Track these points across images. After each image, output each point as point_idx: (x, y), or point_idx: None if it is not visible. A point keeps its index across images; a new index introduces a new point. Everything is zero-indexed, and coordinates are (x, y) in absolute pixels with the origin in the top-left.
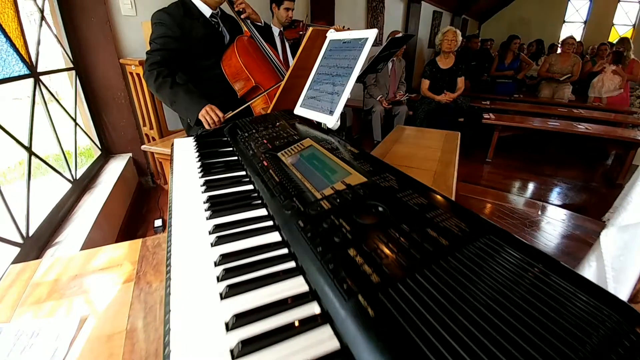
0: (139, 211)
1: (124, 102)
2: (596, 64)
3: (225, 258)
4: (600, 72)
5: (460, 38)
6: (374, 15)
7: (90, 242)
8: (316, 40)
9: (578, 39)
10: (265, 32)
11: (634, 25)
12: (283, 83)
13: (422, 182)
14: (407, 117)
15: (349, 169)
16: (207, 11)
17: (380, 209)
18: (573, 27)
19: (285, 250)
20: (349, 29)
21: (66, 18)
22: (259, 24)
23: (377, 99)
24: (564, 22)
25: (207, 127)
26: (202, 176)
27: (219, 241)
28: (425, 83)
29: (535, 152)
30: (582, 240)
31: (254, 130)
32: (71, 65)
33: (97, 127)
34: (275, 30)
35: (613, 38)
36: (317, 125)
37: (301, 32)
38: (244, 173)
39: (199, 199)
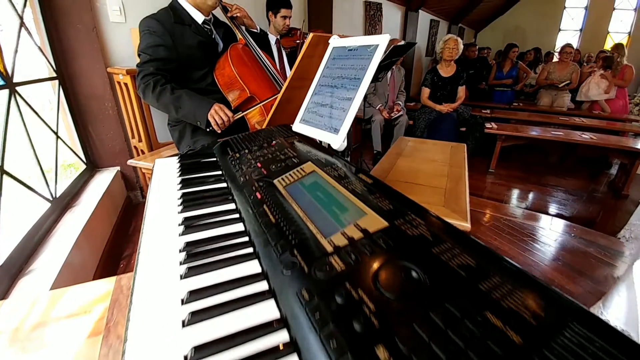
0: (126, 229)
1: (112, 113)
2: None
3: (199, 352)
4: (590, 76)
5: (461, 46)
6: (371, 24)
7: (69, 268)
8: (317, 47)
9: (574, 46)
10: (262, 40)
11: (629, 33)
12: (280, 94)
13: (433, 201)
14: (407, 127)
15: (362, 207)
16: (199, 17)
17: (413, 273)
18: (569, 35)
19: (284, 336)
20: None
21: (49, 25)
22: (255, 30)
23: (377, 107)
24: (560, 30)
25: (216, 128)
26: (182, 210)
27: (194, 319)
28: (426, 92)
29: (537, 161)
30: (595, 258)
31: (246, 150)
32: (54, 75)
33: (82, 140)
34: (272, 38)
35: (609, 46)
36: (319, 144)
37: (298, 41)
38: (232, 207)
39: (174, 244)
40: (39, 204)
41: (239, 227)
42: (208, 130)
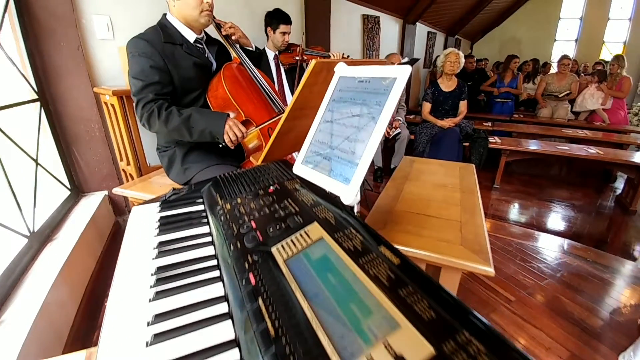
0: (113, 259)
1: (99, 135)
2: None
3: None
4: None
5: (462, 60)
6: (369, 37)
7: (45, 316)
8: (320, 74)
9: (571, 56)
10: (258, 58)
11: (624, 42)
12: (278, 127)
13: (450, 238)
14: (408, 141)
15: (393, 312)
16: (190, 36)
17: None
18: (564, 45)
19: None
20: (349, 56)
21: (30, 44)
22: (250, 48)
23: None
24: (555, 40)
25: (230, 145)
26: (155, 298)
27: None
28: (427, 106)
29: (540, 173)
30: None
31: (239, 200)
32: (35, 97)
33: (66, 164)
34: (270, 54)
35: (604, 55)
36: (325, 192)
37: (297, 57)
38: (220, 292)
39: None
40: (14, 241)
41: (226, 332)
42: (221, 146)
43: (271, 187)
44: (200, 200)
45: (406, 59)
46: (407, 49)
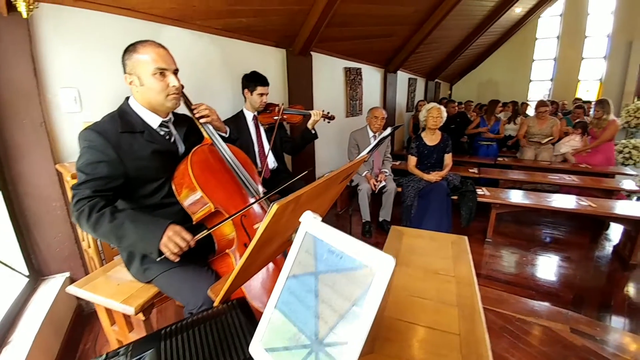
0: (74, 350)
1: (60, 213)
2: (571, 122)
3: None
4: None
5: (445, 115)
6: (352, 87)
7: None
8: (282, 216)
9: (547, 94)
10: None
11: (600, 80)
12: (238, 268)
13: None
14: (395, 194)
15: None
16: (154, 121)
17: None
18: (540, 84)
19: None
20: (329, 113)
21: None
22: (224, 134)
23: (363, 174)
24: (531, 81)
25: (172, 258)
26: None
27: None
28: (412, 160)
29: (531, 221)
30: None
31: None
32: None
33: (25, 247)
34: (249, 115)
35: (581, 93)
36: None
37: (276, 117)
38: None
39: None
40: None
41: None
42: (158, 260)
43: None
44: None
45: (389, 129)
46: (390, 95)
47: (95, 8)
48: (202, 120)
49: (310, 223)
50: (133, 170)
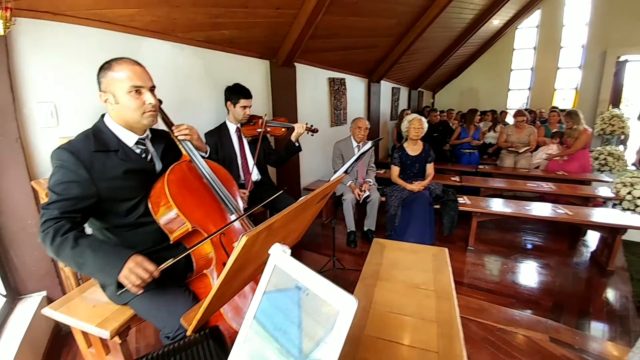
0: None
1: (36, 231)
2: (548, 130)
3: None
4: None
5: (426, 125)
6: (336, 97)
7: None
8: (254, 246)
9: (525, 102)
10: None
11: (575, 88)
12: (212, 295)
13: None
14: (379, 203)
15: None
16: (130, 139)
17: None
18: (519, 93)
19: None
20: (312, 126)
21: None
22: (203, 154)
23: (347, 184)
24: (509, 89)
25: (134, 291)
26: None
27: None
28: (395, 170)
29: (511, 227)
30: None
31: None
32: None
33: (1, 267)
34: (232, 127)
35: (557, 102)
36: None
37: (260, 130)
38: None
39: None
40: None
41: None
42: (118, 294)
43: None
44: None
45: (370, 143)
46: (374, 104)
47: (74, 22)
48: (181, 138)
49: (279, 257)
50: (105, 190)
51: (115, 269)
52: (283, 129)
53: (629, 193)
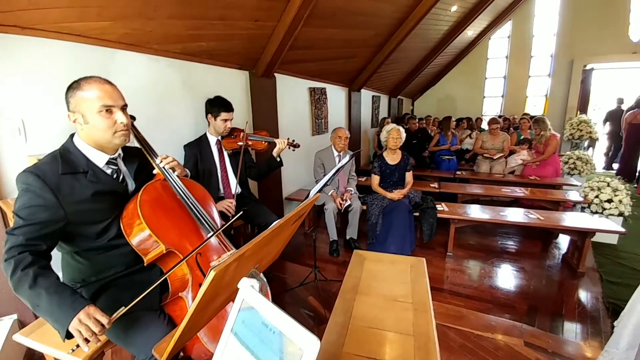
0: None
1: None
2: (521, 135)
3: None
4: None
5: (404, 135)
6: (317, 107)
7: None
8: (224, 277)
9: (498, 109)
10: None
11: (546, 95)
12: (182, 326)
13: None
14: (361, 212)
15: None
16: (101, 160)
17: None
18: (493, 100)
19: None
20: (294, 141)
21: None
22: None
23: (329, 194)
24: (485, 97)
25: (83, 345)
26: None
27: None
28: (375, 179)
29: (488, 232)
30: None
31: None
32: None
33: None
34: (212, 139)
35: (529, 108)
36: None
37: (241, 143)
38: None
39: None
40: None
41: None
42: (64, 341)
43: None
44: None
45: (348, 157)
46: (355, 112)
47: (44, 35)
48: (167, 168)
49: (248, 292)
50: (74, 214)
51: (66, 317)
52: (264, 143)
53: (597, 197)
